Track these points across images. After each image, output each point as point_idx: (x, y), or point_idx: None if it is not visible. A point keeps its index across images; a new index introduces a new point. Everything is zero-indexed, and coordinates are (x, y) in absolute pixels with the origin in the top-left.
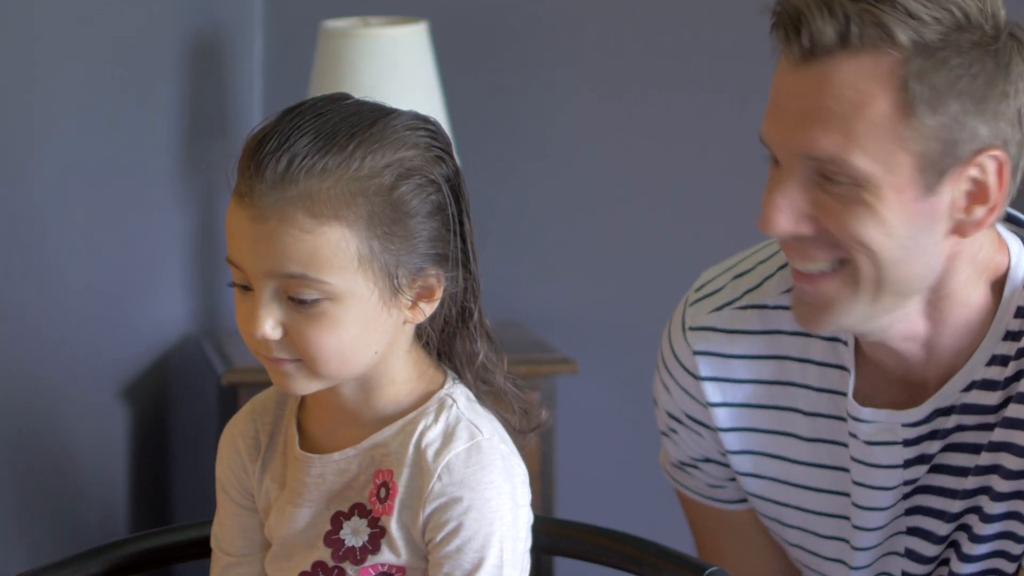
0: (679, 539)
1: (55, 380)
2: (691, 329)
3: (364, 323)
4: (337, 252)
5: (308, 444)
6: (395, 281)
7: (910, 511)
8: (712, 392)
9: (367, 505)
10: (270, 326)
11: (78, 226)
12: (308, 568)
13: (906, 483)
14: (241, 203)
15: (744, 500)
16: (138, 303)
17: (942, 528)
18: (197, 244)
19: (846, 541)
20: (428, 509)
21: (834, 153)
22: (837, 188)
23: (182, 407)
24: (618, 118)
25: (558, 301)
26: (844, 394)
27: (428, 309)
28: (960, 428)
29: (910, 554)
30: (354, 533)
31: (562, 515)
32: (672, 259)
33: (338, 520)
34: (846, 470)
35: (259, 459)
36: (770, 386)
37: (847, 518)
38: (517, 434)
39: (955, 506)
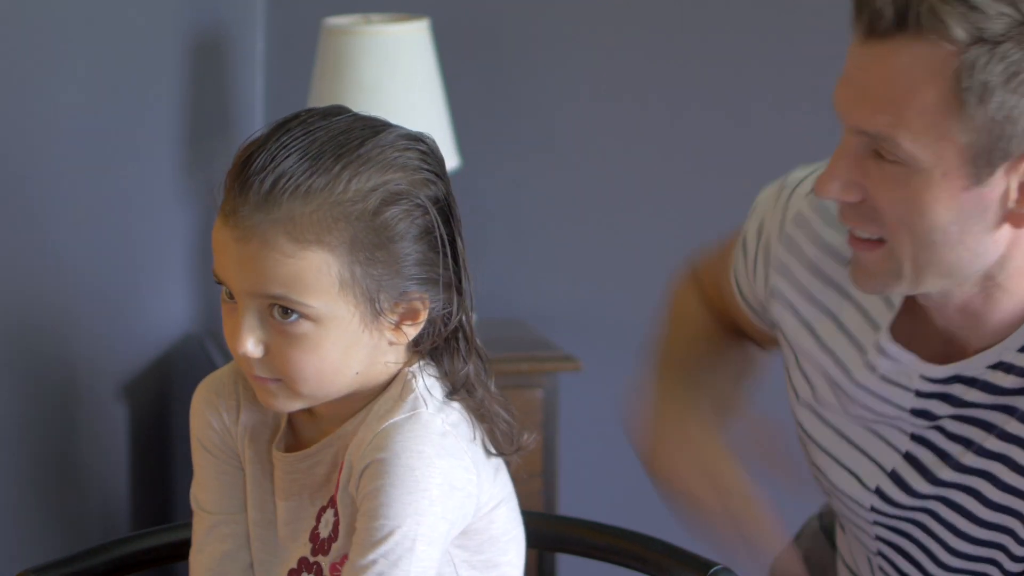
0: (683, 536)
1: (57, 378)
2: (793, 217)
3: (344, 345)
4: (319, 276)
5: (295, 434)
6: (376, 304)
7: (903, 455)
8: (782, 253)
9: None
10: (251, 344)
11: (80, 224)
12: (295, 565)
13: (911, 432)
14: (226, 222)
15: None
16: (140, 301)
17: (925, 487)
18: (199, 242)
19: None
20: (358, 471)
21: (883, 132)
22: (889, 166)
23: (184, 405)
24: (619, 115)
25: (560, 298)
26: (879, 327)
27: (411, 331)
28: (976, 405)
29: (879, 492)
30: (326, 525)
31: (564, 512)
32: (674, 257)
33: (320, 515)
34: (840, 387)
35: (238, 420)
36: (827, 285)
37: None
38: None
39: (946, 474)
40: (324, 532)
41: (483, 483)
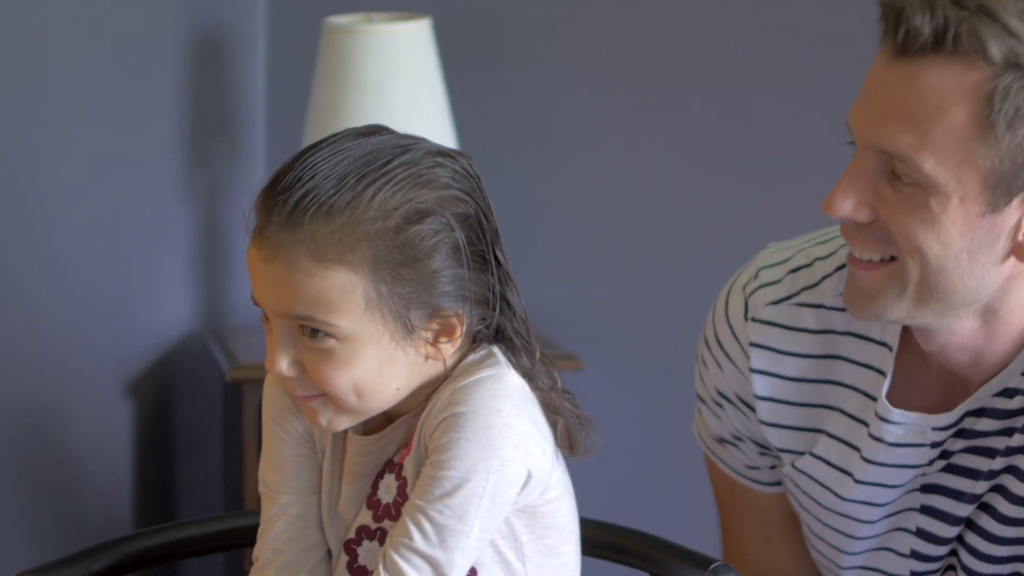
0: (683, 535)
1: (59, 378)
2: (752, 320)
3: (378, 362)
4: (343, 296)
5: (369, 420)
6: (407, 323)
7: (919, 510)
8: (760, 385)
9: (395, 459)
10: (286, 365)
11: (81, 223)
12: (353, 535)
13: (921, 483)
14: (254, 243)
15: (777, 483)
16: (142, 300)
17: (947, 531)
18: (201, 241)
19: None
20: (432, 426)
21: (905, 152)
22: (905, 187)
23: (186, 404)
24: (622, 114)
25: (562, 297)
26: (875, 398)
27: (449, 348)
28: (985, 433)
29: (915, 554)
30: (387, 489)
31: None
32: (676, 256)
33: (377, 481)
34: (849, 473)
35: None
36: (816, 384)
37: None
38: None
39: (963, 509)
40: (387, 498)
41: (555, 465)
